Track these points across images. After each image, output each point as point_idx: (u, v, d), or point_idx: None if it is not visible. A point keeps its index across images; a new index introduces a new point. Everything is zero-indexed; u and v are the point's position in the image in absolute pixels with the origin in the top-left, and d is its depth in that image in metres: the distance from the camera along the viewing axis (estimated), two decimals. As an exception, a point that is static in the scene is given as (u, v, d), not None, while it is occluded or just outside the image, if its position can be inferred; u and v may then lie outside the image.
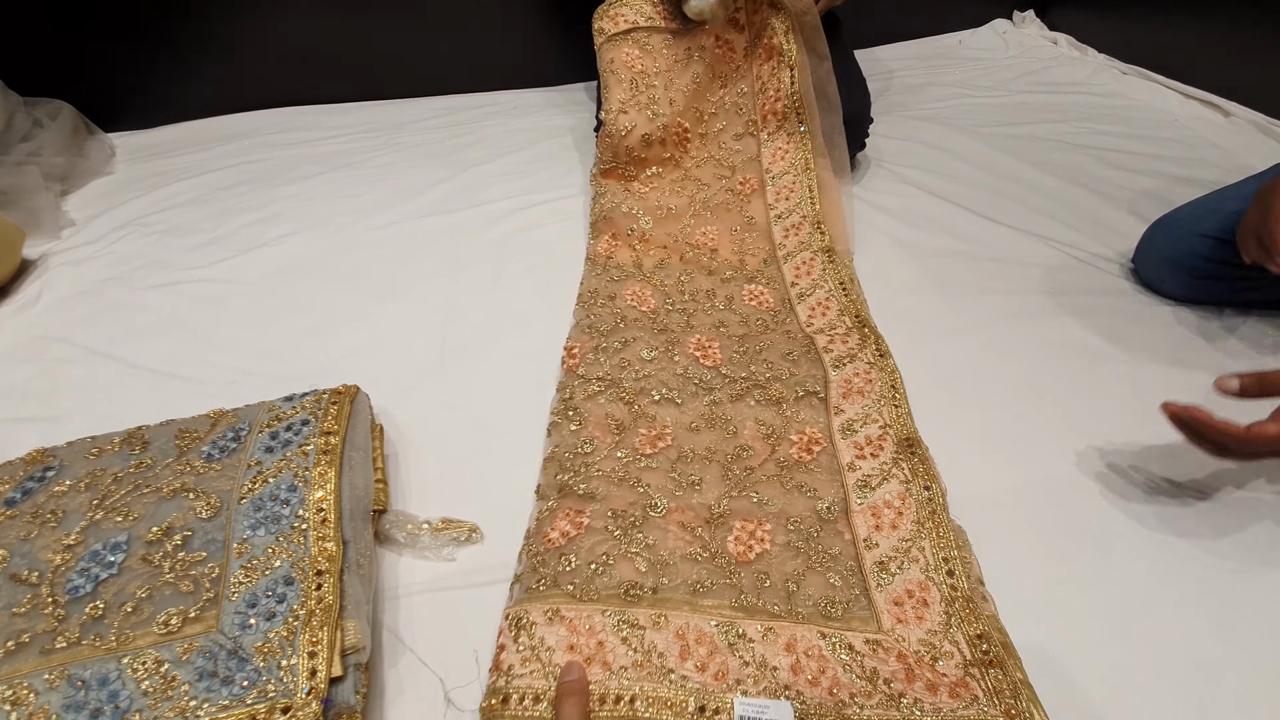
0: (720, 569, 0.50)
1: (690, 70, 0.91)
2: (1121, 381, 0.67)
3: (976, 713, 0.41)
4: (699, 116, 0.93)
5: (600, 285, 0.78)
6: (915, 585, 0.48)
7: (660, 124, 0.91)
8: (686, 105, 0.92)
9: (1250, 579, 0.51)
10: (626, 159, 0.92)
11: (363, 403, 0.60)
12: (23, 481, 0.53)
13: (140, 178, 1.12)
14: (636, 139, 0.91)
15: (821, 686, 0.43)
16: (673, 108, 0.91)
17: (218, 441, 0.54)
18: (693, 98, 0.92)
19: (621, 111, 0.90)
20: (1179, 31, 1.27)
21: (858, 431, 0.60)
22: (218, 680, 0.40)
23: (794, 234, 0.85)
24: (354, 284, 0.85)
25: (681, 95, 0.91)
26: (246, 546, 0.46)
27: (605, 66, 0.93)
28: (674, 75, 0.92)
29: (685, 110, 0.92)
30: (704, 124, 0.94)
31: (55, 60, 1.19)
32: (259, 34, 1.25)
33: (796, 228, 0.86)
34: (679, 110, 0.92)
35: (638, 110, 0.90)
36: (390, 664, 0.47)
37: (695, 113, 0.93)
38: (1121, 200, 0.95)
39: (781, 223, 0.87)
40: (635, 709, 0.41)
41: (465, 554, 0.54)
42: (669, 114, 0.91)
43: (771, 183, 0.90)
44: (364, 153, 1.14)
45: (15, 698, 0.40)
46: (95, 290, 0.86)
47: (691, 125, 0.93)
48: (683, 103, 0.92)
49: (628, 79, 0.92)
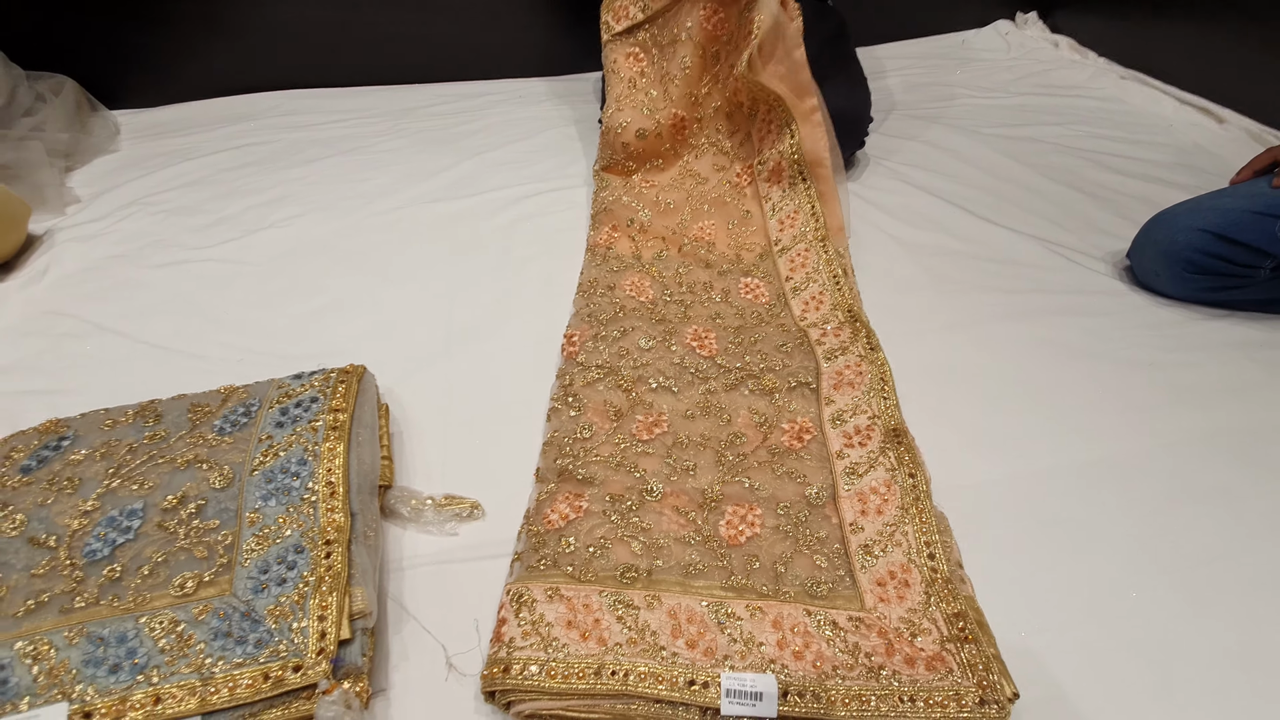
0: (712, 552, 0.52)
1: (679, 55, 0.91)
2: (1108, 379, 0.70)
3: (950, 684, 0.44)
4: (694, 101, 0.94)
5: (600, 275, 0.80)
6: (898, 567, 0.51)
7: (656, 119, 0.92)
8: (681, 94, 0.92)
9: (1216, 569, 0.53)
10: (624, 154, 0.94)
11: (369, 382, 0.61)
12: (38, 450, 0.55)
13: (146, 156, 1.12)
14: (632, 134, 0.92)
15: (806, 660, 0.45)
16: (668, 99, 0.92)
17: (229, 416, 0.56)
18: (685, 84, 0.92)
19: (618, 109, 0.92)
20: (1177, 38, 1.29)
21: (847, 421, 0.62)
22: (232, 640, 0.42)
23: (789, 226, 0.87)
24: (359, 267, 0.86)
25: (674, 84, 0.91)
26: (258, 516, 0.48)
27: (609, 65, 0.95)
28: (667, 64, 0.92)
29: (680, 98, 0.93)
30: (699, 107, 0.94)
31: (58, 34, 1.18)
32: (266, 16, 1.25)
33: (792, 217, 0.87)
34: (674, 100, 0.92)
35: (633, 108, 0.92)
36: (395, 631, 0.49)
37: (690, 99, 0.93)
38: (1115, 203, 0.97)
39: (777, 214, 0.88)
40: (628, 682, 0.43)
41: (466, 529, 0.56)
42: (664, 107, 0.92)
43: (762, 168, 0.91)
44: (370, 137, 1.15)
45: (36, 653, 0.42)
46: (102, 267, 0.88)
47: (688, 112, 0.94)
48: (677, 92, 0.92)
49: (627, 78, 0.93)
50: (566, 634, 0.46)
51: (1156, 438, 0.63)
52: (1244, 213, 0.73)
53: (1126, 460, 0.61)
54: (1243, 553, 0.54)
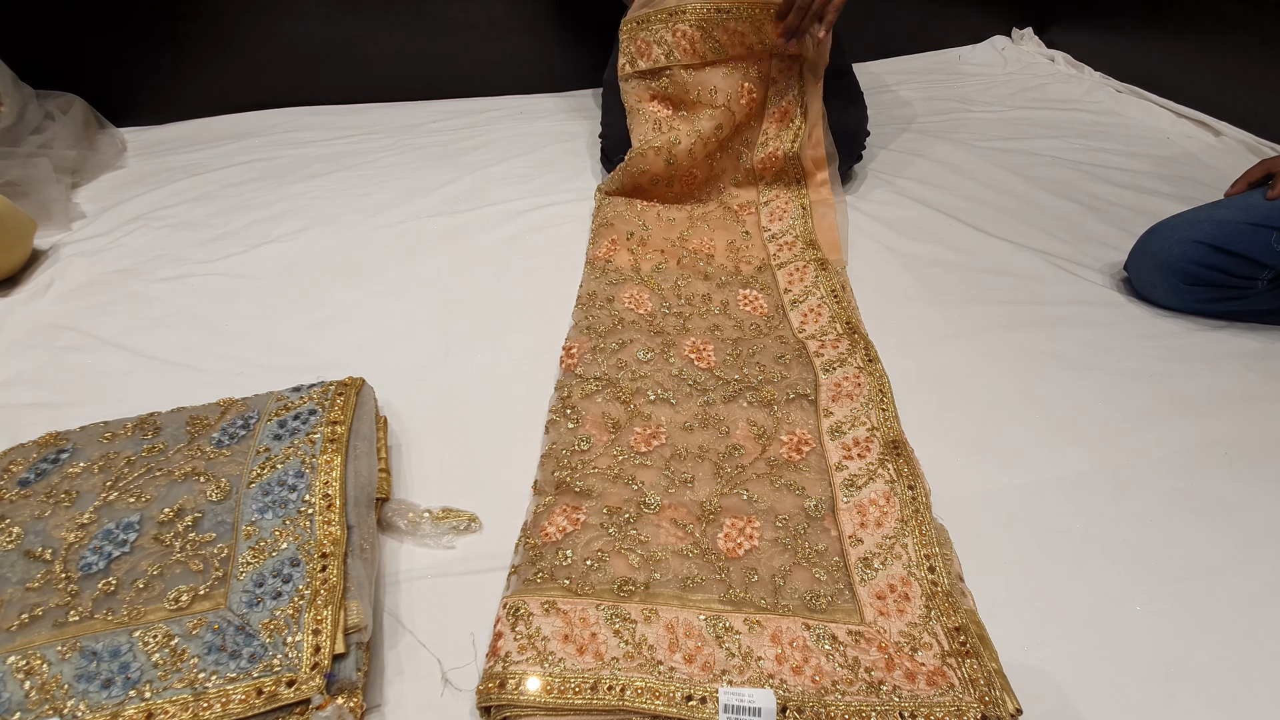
0: (710, 564, 0.52)
1: (706, 116, 0.92)
2: (1106, 389, 0.69)
3: (952, 700, 0.43)
4: (711, 164, 0.97)
5: (599, 288, 0.80)
6: (898, 580, 0.50)
7: (673, 171, 0.94)
8: (702, 155, 0.94)
9: (1217, 580, 0.53)
10: (634, 190, 0.96)
11: (368, 394, 0.62)
12: (36, 463, 0.55)
13: (151, 173, 1.14)
14: (648, 180, 0.95)
15: (805, 675, 0.45)
16: (691, 157, 0.93)
17: (227, 428, 0.56)
18: (706, 146, 0.94)
19: (641, 154, 0.93)
20: (1173, 52, 1.30)
21: (846, 433, 0.62)
22: (225, 654, 0.42)
23: (787, 249, 0.88)
24: (360, 281, 0.87)
25: (697, 144, 0.92)
26: (255, 529, 0.48)
27: (631, 103, 0.96)
28: (693, 120, 0.93)
29: (701, 159, 0.95)
30: (715, 169, 0.97)
31: (67, 53, 1.20)
32: (270, 34, 1.27)
33: (790, 245, 0.89)
34: (696, 159, 0.94)
35: (655, 154, 0.93)
36: (390, 645, 0.49)
37: (709, 162, 0.96)
38: (1112, 215, 0.97)
39: (775, 241, 0.90)
40: (625, 698, 0.43)
41: (464, 542, 0.56)
42: (686, 164, 0.94)
43: (765, 208, 0.95)
44: (372, 153, 1.16)
45: (29, 668, 0.42)
46: (105, 281, 0.88)
47: (703, 173, 0.96)
48: (700, 151, 0.94)
49: (651, 121, 0.95)
50: (563, 648, 0.45)
51: (1155, 448, 0.63)
52: (1240, 224, 0.73)
53: (1125, 471, 0.61)
54: (1243, 564, 0.54)
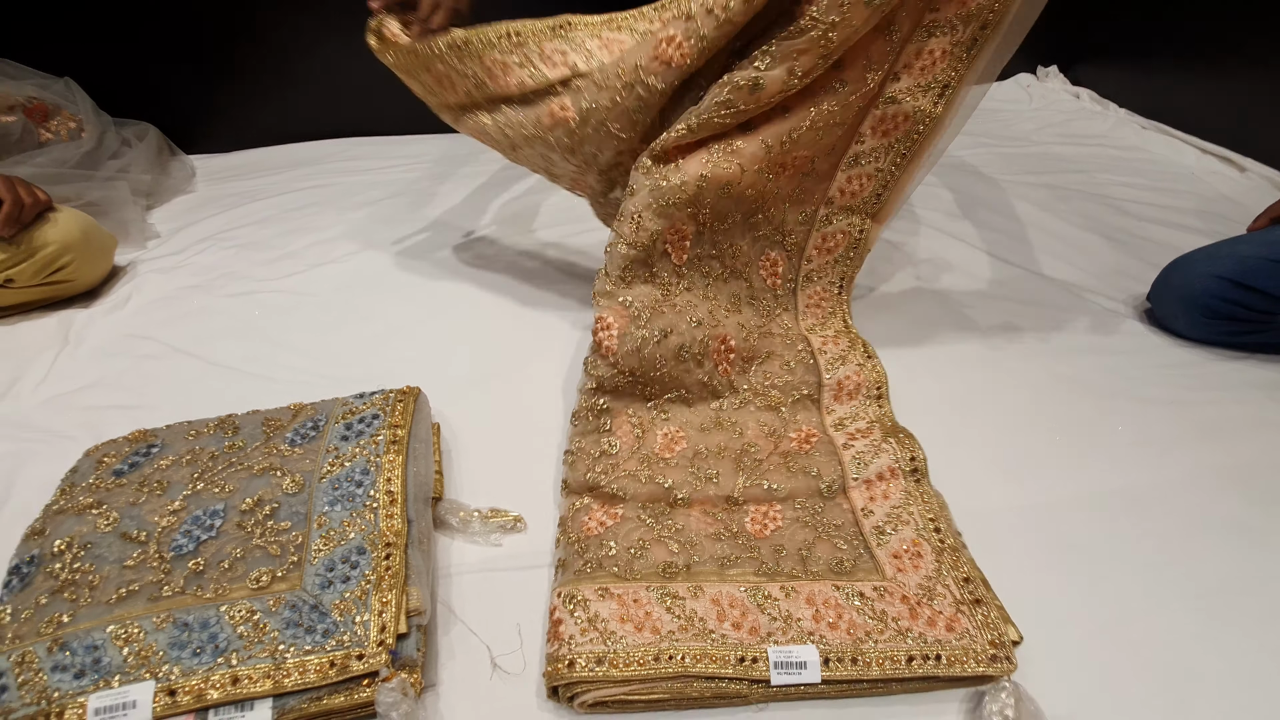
0: (742, 545, 0.57)
1: None
2: (1128, 414, 0.72)
3: (968, 643, 0.49)
4: None
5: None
6: (909, 542, 0.56)
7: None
8: None
9: (1234, 598, 0.54)
10: None
11: (424, 402, 0.67)
12: (128, 456, 0.61)
13: (219, 196, 1.22)
14: None
15: (840, 629, 0.50)
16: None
17: (299, 430, 0.61)
18: None
19: None
20: (1198, 89, 1.32)
21: (848, 426, 0.69)
22: (302, 629, 0.46)
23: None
24: (412, 298, 0.93)
25: None
26: (325, 519, 0.53)
27: None
28: None
29: None
30: None
31: (143, 85, 1.31)
32: (330, 69, 1.37)
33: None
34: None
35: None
36: (444, 632, 0.53)
37: None
38: (1136, 248, 0.99)
39: None
40: (685, 665, 0.47)
41: (510, 540, 0.60)
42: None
43: None
44: (425, 181, 1.24)
45: (127, 635, 0.46)
46: (179, 296, 0.95)
47: None
48: None
49: None
50: (621, 627, 0.49)
51: (1176, 471, 0.65)
52: (1261, 260, 0.75)
53: (1146, 492, 0.63)
54: (1261, 584, 0.55)
